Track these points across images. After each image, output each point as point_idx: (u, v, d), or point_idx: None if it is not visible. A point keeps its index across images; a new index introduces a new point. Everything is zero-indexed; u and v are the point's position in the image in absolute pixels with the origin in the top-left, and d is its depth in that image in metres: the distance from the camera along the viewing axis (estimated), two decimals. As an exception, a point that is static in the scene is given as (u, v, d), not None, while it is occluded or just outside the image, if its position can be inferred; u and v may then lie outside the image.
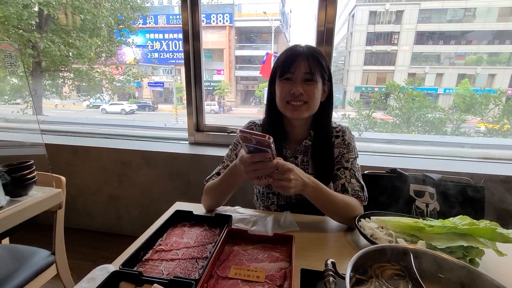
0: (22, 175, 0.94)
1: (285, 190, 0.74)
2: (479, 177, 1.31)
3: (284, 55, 0.89)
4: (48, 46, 4.49)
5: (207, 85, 10.66)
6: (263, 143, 0.65)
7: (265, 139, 0.63)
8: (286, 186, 0.73)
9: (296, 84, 0.86)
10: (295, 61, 0.86)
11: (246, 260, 0.65)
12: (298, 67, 0.86)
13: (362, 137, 2.66)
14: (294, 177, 0.73)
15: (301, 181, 0.76)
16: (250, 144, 0.68)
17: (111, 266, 0.62)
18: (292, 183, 0.73)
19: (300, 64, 0.85)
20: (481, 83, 8.60)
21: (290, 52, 0.88)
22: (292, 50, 0.88)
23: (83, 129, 2.47)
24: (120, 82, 5.89)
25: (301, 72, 0.86)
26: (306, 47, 0.89)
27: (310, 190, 0.79)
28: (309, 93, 0.86)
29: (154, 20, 9.28)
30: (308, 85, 0.86)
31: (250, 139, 0.65)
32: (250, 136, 0.65)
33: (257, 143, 0.66)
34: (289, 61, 0.86)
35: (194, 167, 1.83)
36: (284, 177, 0.72)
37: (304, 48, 0.88)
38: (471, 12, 9.99)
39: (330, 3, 1.58)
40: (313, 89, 0.86)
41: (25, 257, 1.15)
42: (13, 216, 0.88)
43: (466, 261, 0.64)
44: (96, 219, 2.15)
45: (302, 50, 0.87)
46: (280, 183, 0.73)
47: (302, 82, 0.86)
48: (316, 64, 0.86)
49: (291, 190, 0.74)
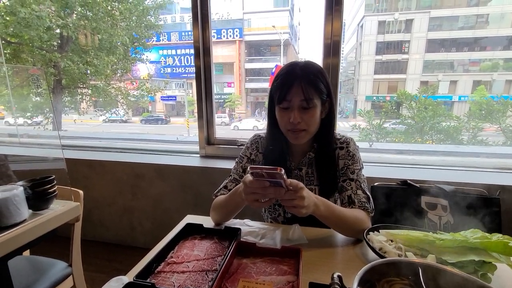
0: (44, 189, 0.99)
1: (298, 210, 0.70)
2: (494, 188, 1.27)
3: (280, 77, 0.88)
4: (68, 65, 4.75)
5: (218, 97, 10.86)
6: (275, 175, 0.65)
7: (277, 172, 0.63)
8: (299, 205, 0.69)
9: (294, 112, 0.85)
10: (291, 88, 0.84)
11: (254, 273, 0.67)
12: (294, 95, 0.84)
13: (373, 148, 2.63)
14: (307, 195, 0.71)
15: (313, 200, 0.75)
16: (262, 179, 0.67)
17: (125, 277, 0.65)
18: (306, 202, 0.70)
19: (296, 92, 0.84)
20: (498, 90, 8.36)
21: (286, 75, 0.87)
22: (288, 74, 0.87)
23: (100, 144, 2.57)
24: (134, 97, 6.12)
25: (297, 100, 0.85)
26: (303, 67, 0.87)
27: (322, 209, 0.77)
28: (307, 121, 0.87)
29: (167, 37, 9.65)
30: (305, 113, 0.86)
31: (261, 174, 0.66)
32: (261, 171, 0.65)
33: (269, 176, 0.66)
34: (285, 89, 0.85)
35: (205, 180, 1.87)
36: (297, 196, 0.69)
37: (299, 71, 0.86)
38: (484, 18, 9.84)
39: (336, 16, 1.62)
40: (310, 117, 0.87)
41: (44, 268, 1.20)
42: (35, 229, 0.93)
43: (477, 276, 0.62)
44: (110, 230, 2.20)
45: (298, 74, 0.85)
46: (292, 202, 0.69)
47: (299, 110, 0.86)
48: (313, 88, 0.85)
49: (303, 210, 0.70)
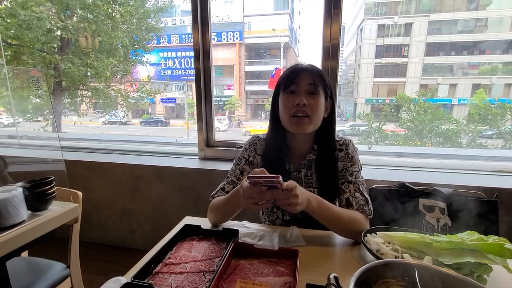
0: (43, 190, 0.99)
1: (293, 207, 0.73)
2: (492, 191, 1.28)
3: (287, 71, 0.94)
4: (68, 67, 4.77)
5: (218, 100, 10.88)
6: (273, 183, 0.68)
7: (275, 180, 0.67)
8: (293, 202, 0.72)
9: (300, 95, 0.89)
10: (299, 73, 0.90)
11: (251, 274, 0.67)
12: (302, 79, 0.89)
13: (372, 150, 2.64)
14: (300, 193, 0.74)
15: (306, 196, 0.77)
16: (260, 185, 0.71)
17: (123, 278, 0.65)
18: (300, 199, 0.73)
19: (304, 76, 0.89)
20: (498, 93, 8.41)
21: (293, 67, 0.93)
22: (295, 66, 0.93)
23: (99, 145, 2.58)
24: (134, 99, 6.13)
25: (305, 84, 0.89)
26: (309, 64, 0.94)
27: (314, 205, 0.80)
28: (312, 106, 0.89)
29: (167, 39, 9.70)
30: (311, 97, 0.89)
31: (260, 182, 0.69)
32: (259, 180, 0.68)
33: (268, 183, 0.69)
34: (293, 75, 0.91)
35: (204, 182, 1.87)
36: (291, 194, 0.72)
37: (306, 65, 0.93)
38: (483, 22, 9.92)
39: (335, 20, 1.63)
40: (316, 102, 0.89)
41: (42, 269, 1.19)
42: (34, 230, 0.93)
43: (473, 277, 0.63)
44: (109, 232, 2.20)
45: (305, 67, 0.92)
46: (287, 201, 0.73)
47: (306, 94, 0.89)
48: (319, 78, 0.90)
49: (297, 207, 0.74)
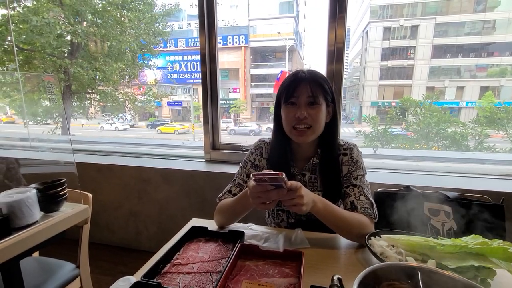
0: (55, 192, 1.03)
1: (298, 207, 0.74)
2: (498, 195, 1.27)
3: (287, 81, 0.94)
4: (78, 71, 4.88)
5: (223, 103, 10.95)
6: (277, 180, 0.70)
7: (279, 176, 0.68)
8: (299, 203, 0.73)
9: (301, 108, 0.90)
10: (298, 85, 0.91)
11: (257, 275, 0.68)
12: (302, 91, 0.90)
13: (377, 153, 2.63)
14: (305, 193, 0.75)
15: (311, 197, 0.78)
16: (265, 183, 0.72)
17: (133, 277, 0.67)
18: (305, 200, 0.73)
19: (303, 89, 0.90)
20: (507, 95, 8.27)
21: (293, 77, 0.93)
22: (295, 76, 0.93)
23: (108, 148, 2.63)
24: (141, 102, 6.22)
25: (304, 96, 0.90)
26: (308, 72, 0.93)
27: (320, 207, 0.81)
28: (313, 117, 0.90)
29: (174, 43, 9.82)
30: (312, 108, 0.91)
31: (264, 179, 0.71)
32: (264, 177, 0.70)
33: (272, 180, 0.71)
34: (292, 86, 0.91)
35: (210, 185, 1.89)
36: (296, 195, 0.73)
37: (306, 74, 0.92)
38: (491, 24, 9.79)
39: (339, 23, 1.65)
40: (316, 112, 0.91)
41: (53, 269, 1.23)
42: (46, 230, 0.96)
43: (477, 281, 0.63)
44: (116, 234, 2.24)
45: (305, 76, 0.92)
46: (293, 201, 0.73)
47: (306, 106, 0.91)
48: (319, 88, 0.90)
49: (303, 207, 0.74)
